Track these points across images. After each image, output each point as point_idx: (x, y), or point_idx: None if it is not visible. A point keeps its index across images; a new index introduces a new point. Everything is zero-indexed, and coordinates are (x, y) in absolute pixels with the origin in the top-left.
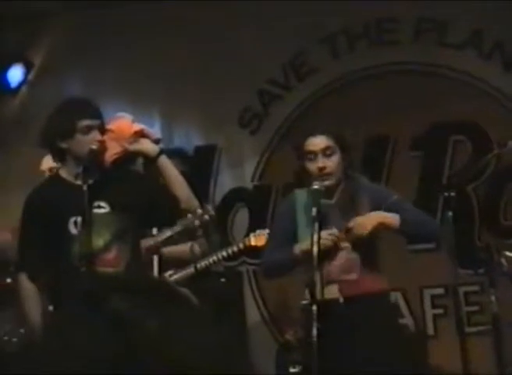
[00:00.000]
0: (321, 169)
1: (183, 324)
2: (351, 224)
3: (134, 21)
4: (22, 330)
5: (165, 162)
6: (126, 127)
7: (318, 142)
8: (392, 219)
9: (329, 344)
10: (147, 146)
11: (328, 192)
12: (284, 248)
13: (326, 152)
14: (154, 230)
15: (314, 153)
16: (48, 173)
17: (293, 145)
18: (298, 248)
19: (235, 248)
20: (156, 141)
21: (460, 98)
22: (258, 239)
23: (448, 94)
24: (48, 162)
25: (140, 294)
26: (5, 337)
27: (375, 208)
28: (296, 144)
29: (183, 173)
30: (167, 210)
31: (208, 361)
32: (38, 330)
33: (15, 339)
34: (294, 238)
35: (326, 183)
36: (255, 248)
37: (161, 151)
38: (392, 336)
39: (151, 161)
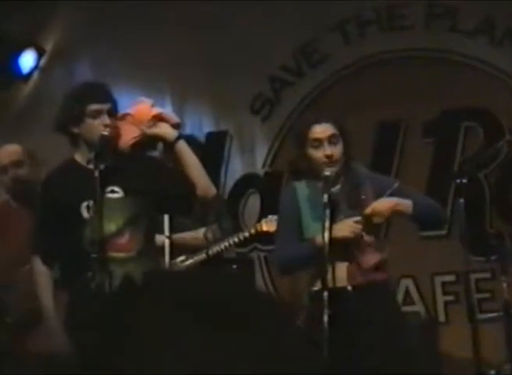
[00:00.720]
0: (329, 156)
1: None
2: (368, 211)
3: (146, 6)
4: (8, 320)
5: (183, 147)
6: (144, 111)
7: (323, 130)
8: (406, 204)
9: (337, 331)
10: (165, 130)
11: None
12: (296, 242)
13: (332, 140)
14: (166, 227)
15: (320, 141)
16: (10, 167)
17: (296, 133)
18: (319, 240)
19: (246, 234)
20: (175, 126)
21: (472, 84)
22: (270, 224)
23: (459, 80)
24: (5, 157)
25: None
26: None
27: (379, 196)
28: (300, 131)
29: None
30: (182, 196)
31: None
32: (50, 313)
33: None
34: (300, 231)
35: (334, 170)
36: (266, 233)
37: (180, 136)
38: (400, 324)
39: (168, 145)
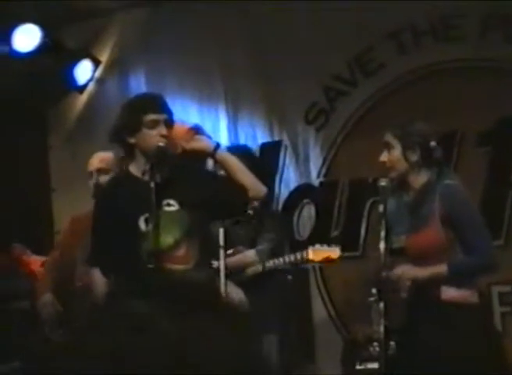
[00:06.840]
0: (382, 163)
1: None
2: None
3: (199, 17)
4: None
5: (223, 154)
6: (179, 127)
7: None
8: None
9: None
10: (202, 143)
11: (402, 189)
12: None
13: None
14: (221, 239)
15: None
16: (95, 173)
17: None
18: None
19: (292, 258)
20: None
21: None
22: (316, 254)
23: None
24: (95, 163)
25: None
26: None
27: (445, 213)
28: None
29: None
30: (236, 201)
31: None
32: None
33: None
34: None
35: (391, 175)
36: (312, 261)
37: (218, 145)
38: (455, 333)
39: (209, 156)
